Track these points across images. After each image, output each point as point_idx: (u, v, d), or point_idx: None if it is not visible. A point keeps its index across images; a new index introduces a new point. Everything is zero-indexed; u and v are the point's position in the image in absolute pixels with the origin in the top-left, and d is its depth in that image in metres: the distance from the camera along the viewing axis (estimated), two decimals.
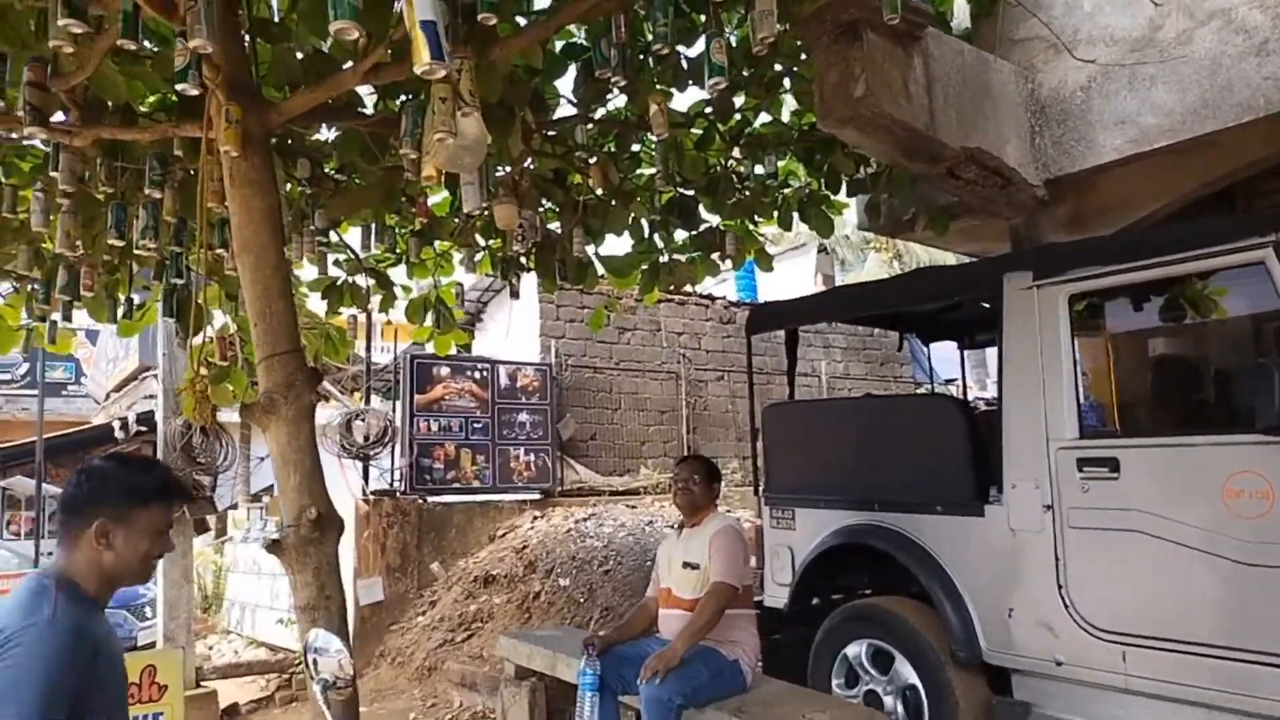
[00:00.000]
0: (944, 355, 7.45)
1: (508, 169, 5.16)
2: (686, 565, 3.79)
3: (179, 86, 3.02)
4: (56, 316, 5.74)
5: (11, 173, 4.77)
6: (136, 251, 4.64)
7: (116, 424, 10.84)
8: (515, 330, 10.22)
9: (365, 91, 4.46)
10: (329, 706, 1.69)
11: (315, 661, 1.75)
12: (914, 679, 3.82)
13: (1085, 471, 3.31)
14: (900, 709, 3.87)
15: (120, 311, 6.02)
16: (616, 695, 3.72)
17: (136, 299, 6.18)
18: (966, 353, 6.05)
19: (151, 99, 4.39)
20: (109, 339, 11.73)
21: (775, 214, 6.11)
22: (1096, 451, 3.30)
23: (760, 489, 4.81)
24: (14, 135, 4.51)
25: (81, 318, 6.24)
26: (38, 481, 8.59)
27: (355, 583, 7.71)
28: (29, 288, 5.75)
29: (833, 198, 6.00)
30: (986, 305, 4.85)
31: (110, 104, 4.02)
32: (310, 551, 3.44)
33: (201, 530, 8.08)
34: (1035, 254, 3.87)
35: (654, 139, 5.19)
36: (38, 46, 3.38)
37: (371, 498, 8.06)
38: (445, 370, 8.75)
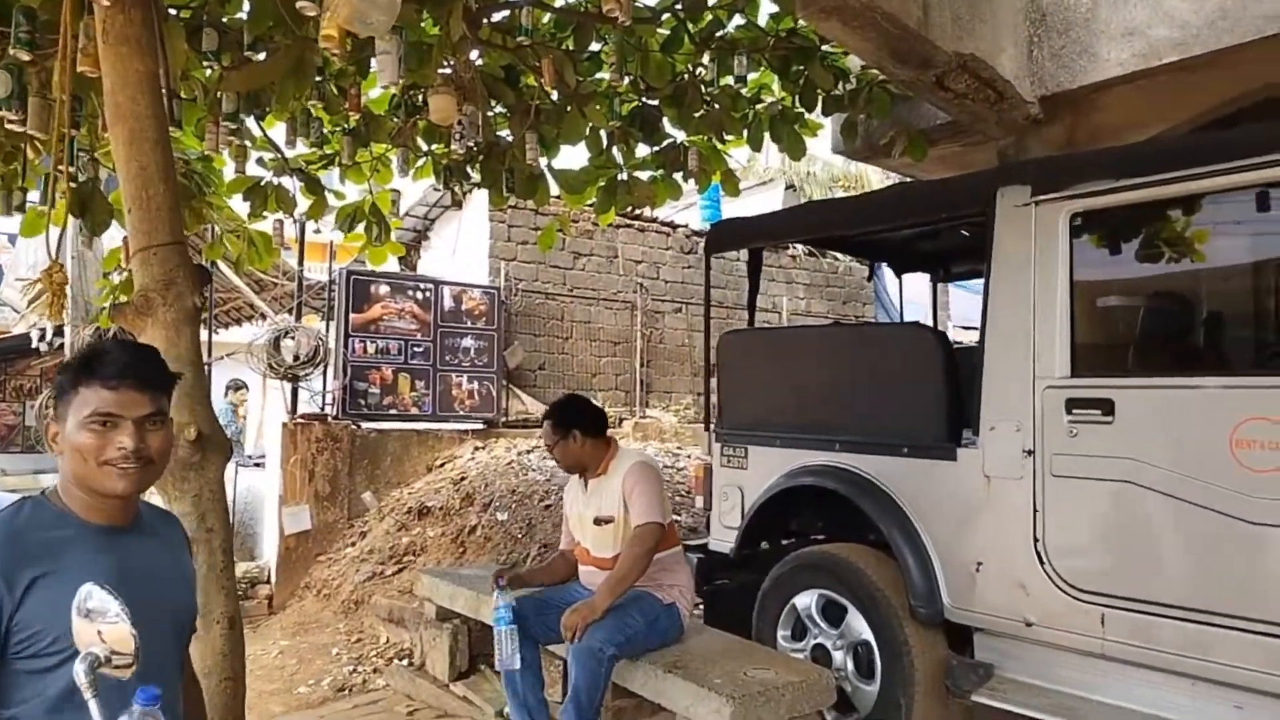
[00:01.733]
0: (909, 297, 7.06)
1: (451, 62, 4.62)
2: (600, 521, 3.40)
3: None
4: None
5: None
6: (30, 133, 4.02)
7: (35, 333, 10.13)
8: (463, 250, 9.64)
9: None
10: (96, 692, 1.23)
11: (79, 631, 1.27)
12: (867, 634, 3.50)
13: (1075, 414, 2.95)
14: (850, 665, 3.56)
15: (16, 204, 5.34)
16: (538, 644, 3.35)
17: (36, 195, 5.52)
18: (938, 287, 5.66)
19: None
20: (28, 243, 10.91)
21: (745, 131, 5.63)
22: (1089, 392, 2.93)
23: (711, 424, 4.42)
24: None
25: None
26: None
27: (280, 510, 7.26)
28: None
29: (807, 116, 5.53)
30: (966, 234, 4.48)
31: None
32: (190, 476, 2.97)
33: None
34: (1035, 165, 3.45)
35: (611, 31, 4.69)
36: None
37: (300, 421, 7.56)
38: (385, 289, 8.19)
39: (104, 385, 1.51)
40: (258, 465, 8.60)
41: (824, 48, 5.01)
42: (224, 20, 4.31)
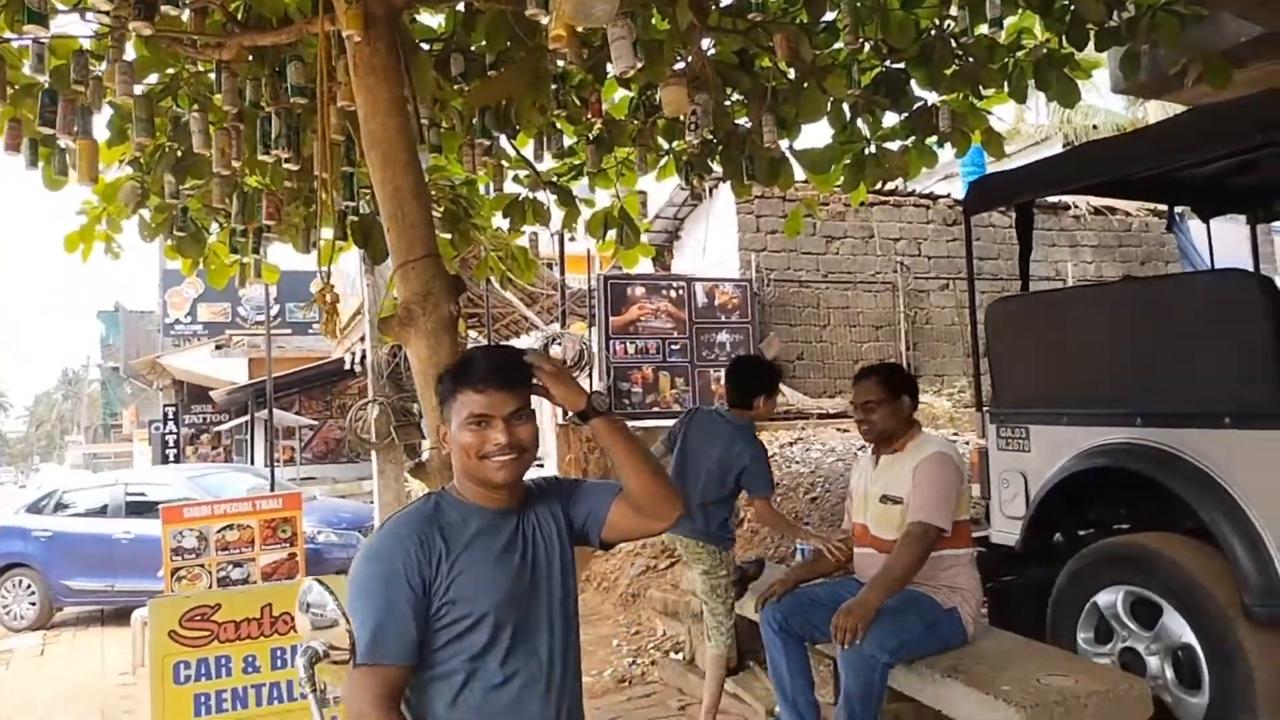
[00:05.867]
0: (1218, 249, 6.02)
1: (684, 56, 4.59)
2: (886, 499, 3.13)
3: None
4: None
5: (207, 107, 4.76)
6: (317, 174, 4.50)
7: (348, 357, 11.54)
8: (713, 246, 9.66)
9: None
10: (314, 686, 1.27)
11: (301, 626, 1.32)
12: (1189, 637, 2.99)
13: None
14: (1169, 673, 3.06)
15: (312, 242, 6.01)
16: (805, 642, 3.18)
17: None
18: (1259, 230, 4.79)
19: None
20: (340, 276, 12.43)
21: (1006, 84, 5.10)
22: None
23: (984, 403, 4.02)
24: (198, 66, 4.49)
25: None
26: (269, 414, 9.25)
27: None
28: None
29: (1078, 56, 4.90)
30: None
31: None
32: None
33: (413, 456, 8.32)
34: None
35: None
36: None
37: (574, 422, 7.91)
38: (640, 290, 8.38)
39: (475, 390, 1.70)
40: (538, 465, 9.15)
41: None
42: (471, 48, 4.56)
